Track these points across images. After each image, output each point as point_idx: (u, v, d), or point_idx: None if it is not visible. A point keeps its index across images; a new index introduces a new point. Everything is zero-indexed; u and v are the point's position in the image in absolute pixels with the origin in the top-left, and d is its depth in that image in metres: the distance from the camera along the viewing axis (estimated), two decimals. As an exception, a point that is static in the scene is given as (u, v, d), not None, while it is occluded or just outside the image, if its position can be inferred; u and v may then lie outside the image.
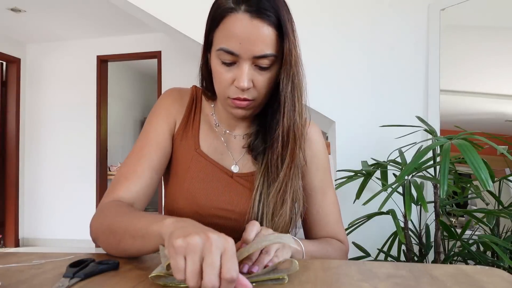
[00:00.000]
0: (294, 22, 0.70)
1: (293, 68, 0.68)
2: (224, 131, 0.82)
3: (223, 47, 0.66)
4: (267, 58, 0.66)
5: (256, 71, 0.68)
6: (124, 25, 3.99)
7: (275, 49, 0.66)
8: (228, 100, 0.71)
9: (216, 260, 0.42)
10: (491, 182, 0.93)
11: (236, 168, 0.79)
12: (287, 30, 0.66)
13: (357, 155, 1.69)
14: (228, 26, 0.65)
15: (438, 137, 1.31)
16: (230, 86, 0.69)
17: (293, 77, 0.69)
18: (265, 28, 0.64)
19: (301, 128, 0.73)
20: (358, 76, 1.83)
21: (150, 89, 6.83)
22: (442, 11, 1.74)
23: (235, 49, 0.65)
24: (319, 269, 0.57)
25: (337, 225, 0.82)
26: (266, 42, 0.65)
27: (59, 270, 0.57)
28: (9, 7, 3.45)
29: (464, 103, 1.80)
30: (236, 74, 0.67)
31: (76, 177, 4.35)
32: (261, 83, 0.69)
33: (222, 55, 0.67)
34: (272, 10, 0.64)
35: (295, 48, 0.69)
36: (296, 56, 0.69)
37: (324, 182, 0.83)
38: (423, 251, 1.39)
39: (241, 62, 0.66)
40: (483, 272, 0.55)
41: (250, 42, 0.64)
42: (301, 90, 0.72)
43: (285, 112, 0.70)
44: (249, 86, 0.67)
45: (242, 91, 0.68)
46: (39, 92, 4.48)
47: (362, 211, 1.39)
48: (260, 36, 0.64)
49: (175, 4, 1.98)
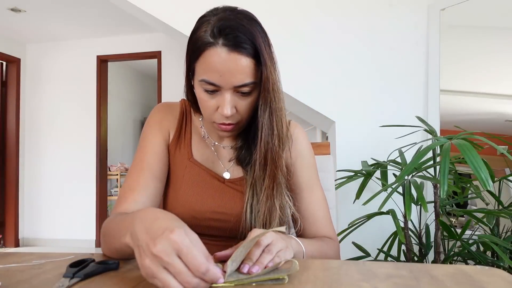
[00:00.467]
0: (271, 45, 0.73)
1: (270, 94, 0.71)
2: (213, 142, 0.85)
3: (204, 78, 0.69)
4: (247, 86, 0.69)
5: (237, 97, 0.71)
6: (124, 25, 3.99)
7: (254, 76, 0.69)
8: (214, 124, 0.75)
9: (177, 267, 0.44)
10: (491, 182, 0.93)
11: (228, 174, 0.83)
12: (264, 58, 0.69)
13: (357, 155, 1.69)
14: (208, 59, 0.68)
15: (438, 137, 1.31)
16: (215, 113, 0.73)
17: (270, 103, 0.72)
18: (242, 59, 0.67)
19: (279, 150, 0.75)
20: (358, 76, 1.83)
21: (150, 89, 6.83)
22: (442, 11, 1.74)
23: (216, 81, 0.68)
24: (319, 269, 0.57)
25: (326, 221, 0.83)
26: (245, 72, 0.68)
27: (59, 270, 0.57)
28: (9, 7, 3.45)
29: (464, 103, 1.80)
30: (219, 102, 0.71)
31: (76, 177, 4.35)
32: (244, 107, 0.72)
33: (204, 85, 0.70)
34: (249, 41, 0.67)
35: (272, 74, 0.71)
36: (273, 81, 0.71)
37: (311, 180, 0.85)
38: (423, 251, 1.39)
39: (222, 91, 0.70)
40: (483, 272, 0.55)
41: (230, 74, 0.67)
42: (280, 112, 0.74)
43: (262, 138, 0.73)
44: (232, 113, 0.71)
45: (226, 118, 0.71)
46: (39, 92, 4.47)
47: (362, 211, 1.39)
48: (238, 68, 0.67)
49: (175, 4, 1.98)
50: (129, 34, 4.29)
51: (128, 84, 6.38)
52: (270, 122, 0.73)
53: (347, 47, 1.86)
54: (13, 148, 4.33)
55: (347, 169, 1.54)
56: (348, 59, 1.85)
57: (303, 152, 0.85)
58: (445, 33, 1.73)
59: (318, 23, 1.88)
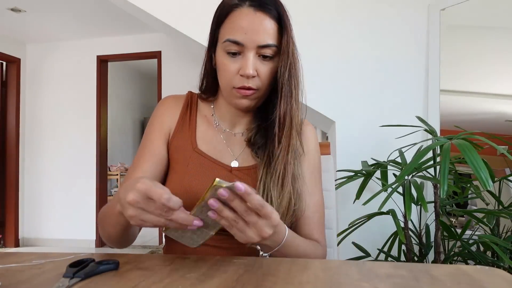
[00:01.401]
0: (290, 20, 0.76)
1: (290, 58, 0.74)
2: (224, 129, 0.85)
3: (229, 38, 0.72)
4: (270, 48, 0.72)
5: (259, 60, 0.73)
6: (124, 25, 3.99)
7: (277, 40, 0.73)
8: (233, 90, 0.75)
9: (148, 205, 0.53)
10: (491, 182, 0.93)
11: (236, 163, 0.81)
12: (286, 24, 0.73)
13: (357, 155, 1.69)
14: (234, 19, 0.72)
15: (438, 137, 1.31)
16: (235, 76, 0.74)
17: (290, 66, 0.74)
18: (267, 20, 0.72)
19: (298, 113, 0.78)
20: (358, 76, 1.83)
21: (150, 89, 6.84)
22: (442, 11, 1.74)
23: (240, 39, 0.71)
24: (319, 269, 0.57)
25: (318, 227, 0.82)
26: (268, 33, 0.72)
27: (59, 270, 0.57)
28: (9, 7, 3.45)
29: (464, 103, 1.80)
30: (241, 64, 0.73)
31: (76, 177, 4.36)
32: (264, 72, 0.74)
33: (228, 46, 0.72)
34: (273, 5, 0.72)
35: (293, 41, 0.75)
36: (293, 48, 0.75)
37: (313, 179, 0.83)
38: (423, 251, 1.39)
39: (246, 52, 0.72)
40: (483, 272, 0.55)
41: (254, 32, 0.71)
42: (297, 79, 0.78)
43: (282, 97, 0.75)
44: (253, 73, 0.72)
45: (247, 78, 0.73)
46: (39, 92, 4.48)
47: (362, 211, 1.39)
48: (263, 27, 0.71)
49: (175, 4, 1.98)
50: (129, 34, 4.29)
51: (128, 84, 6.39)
52: (289, 84, 0.75)
53: (347, 47, 1.86)
54: (13, 148, 4.33)
55: (347, 169, 1.54)
56: (348, 59, 1.85)
57: (309, 153, 0.84)
58: (445, 33, 1.73)
59: (318, 23, 1.88)
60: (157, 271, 0.57)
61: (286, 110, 0.75)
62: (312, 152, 0.85)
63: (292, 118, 0.76)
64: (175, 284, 0.51)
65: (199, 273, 0.56)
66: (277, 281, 0.51)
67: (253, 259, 0.63)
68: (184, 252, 0.79)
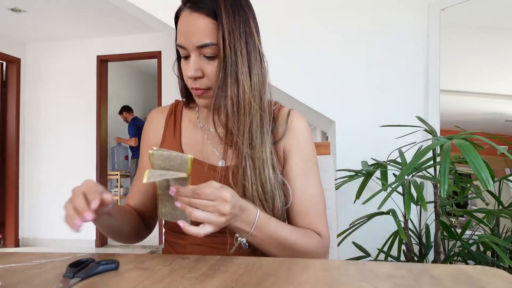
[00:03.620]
0: (248, 13, 0.75)
1: (226, 54, 0.71)
2: (209, 129, 0.85)
3: (176, 43, 0.75)
4: (209, 47, 0.72)
5: (204, 60, 0.74)
6: (124, 25, 3.99)
7: (215, 38, 0.71)
8: (192, 91, 0.78)
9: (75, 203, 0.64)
10: (492, 182, 0.93)
11: (222, 162, 0.81)
12: (222, 19, 0.71)
13: (357, 155, 1.69)
14: (178, 25, 0.75)
15: (438, 137, 1.31)
16: (188, 78, 0.76)
17: (225, 63, 0.72)
18: (201, 19, 0.71)
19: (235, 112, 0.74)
20: (358, 76, 1.83)
21: (150, 89, 6.83)
22: (442, 11, 1.74)
23: (182, 43, 0.73)
24: (319, 269, 0.57)
25: (318, 217, 0.80)
26: (204, 32, 0.71)
27: (59, 270, 0.57)
28: (9, 7, 3.45)
29: (464, 103, 1.80)
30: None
31: (76, 177, 4.35)
32: (210, 71, 0.74)
33: (179, 51, 0.76)
34: (208, 2, 0.71)
35: (231, 34, 0.71)
36: (231, 42, 0.71)
37: (307, 171, 0.82)
38: (423, 251, 1.39)
39: (190, 54, 0.74)
40: (483, 272, 0.55)
41: (190, 33, 0.72)
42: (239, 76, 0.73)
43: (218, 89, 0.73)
44: (195, 74, 0.73)
45: (194, 80, 0.75)
46: (39, 92, 4.47)
47: (362, 211, 1.39)
48: (197, 27, 0.71)
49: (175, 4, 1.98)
50: (129, 34, 4.29)
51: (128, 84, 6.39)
52: (223, 82, 0.72)
53: (347, 47, 1.85)
54: (13, 148, 4.32)
55: (347, 169, 1.54)
56: (348, 59, 1.85)
57: (301, 144, 0.82)
58: (445, 33, 1.73)
59: (318, 23, 1.88)
60: (157, 271, 0.57)
61: (219, 109, 0.75)
62: (303, 143, 0.83)
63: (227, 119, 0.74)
64: (175, 284, 0.51)
65: (199, 273, 0.56)
66: (277, 281, 0.51)
67: (253, 259, 0.63)
68: (184, 252, 0.79)
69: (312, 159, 0.84)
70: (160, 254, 0.69)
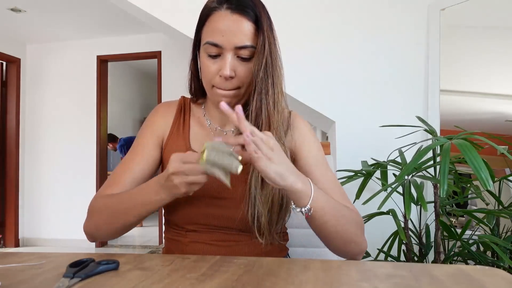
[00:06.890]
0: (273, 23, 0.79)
1: (266, 58, 0.74)
2: (216, 128, 0.87)
3: (209, 40, 0.74)
4: (247, 49, 0.74)
5: (238, 61, 0.75)
6: (124, 25, 3.99)
7: (254, 41, 0.74)
8: (214, 89, 0.78)
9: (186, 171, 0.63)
10: (492, 182, 0.93)
11: None
12: (263, 25, 0.74)
13: (357, 155, 1.69)
14: (212, 22, 0.74)
15: (438, 137, 1.31)
16: (216, 76, 0.76)
17: (266, 66, 0.75)
18: (244, 22, 0.73)
19: (277, 114, 0.77)
20: (358, 76, 1.83)
21: (150, 89, 6.83)
22: (442, 11, 1.74)
23: (219, 41, 0.73)
24: (319, 269, 0.57)
25: (342, 197, 0.81)
26: (245, 34, 0.73)
27: (59, 270, 0.57)
28: (9, 7, 3.45)
29: (464, 103, 1.80)
30: (220, 65, 0.75)
31: (76, 177, 4.35)
32: (243, 73, 0.76)
33: (208, 49, 0.75)
34: (250, 7, 0.74)
35: (271, 41, 0.76)
36: (271, 48, 0.76)
37: (320, 160, 0.84)
38: (423, 251, 1.39)
39: (224, 53, 0.74)
40: (483, 272, 0.55)
41: (231, 34, 0.73)
42: (275, 79, 0.77)
43: (255, 94, 0.76)
44: (231, 74, 0.74)
45: (225, 80, 0.75)
46: (39, 92, 4.47)
47: (362, 211, 1.39)
48: (240, 29, 0.73)
49: (175, 4, 1.98)
50: (129, 34, 4.29)
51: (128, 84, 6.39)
52: (264, 83, 0.75)
53: (347, 47, 1.85)
54: (13, 148, 4.32)
55: (347, 169, 1.54)
56: (348, 59, 1.85)
57: (307, 137, 0.85)
58: (445, 33, 1.73)
59: (318, 23, 1.88)
60: (157, 271, 0.57)
61: (261, 107, 0.76)
62: (308, 138, 0.85)
63: (269, 117, 0.76)
64: (175, 284, 0.51)
65: (199, 273, 0.56)
66: (277, 281, 0.51)
67: (253, 259, 0.63)
68: (185, 250, 0.80)
69: (321, 149, 0.87)
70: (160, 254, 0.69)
